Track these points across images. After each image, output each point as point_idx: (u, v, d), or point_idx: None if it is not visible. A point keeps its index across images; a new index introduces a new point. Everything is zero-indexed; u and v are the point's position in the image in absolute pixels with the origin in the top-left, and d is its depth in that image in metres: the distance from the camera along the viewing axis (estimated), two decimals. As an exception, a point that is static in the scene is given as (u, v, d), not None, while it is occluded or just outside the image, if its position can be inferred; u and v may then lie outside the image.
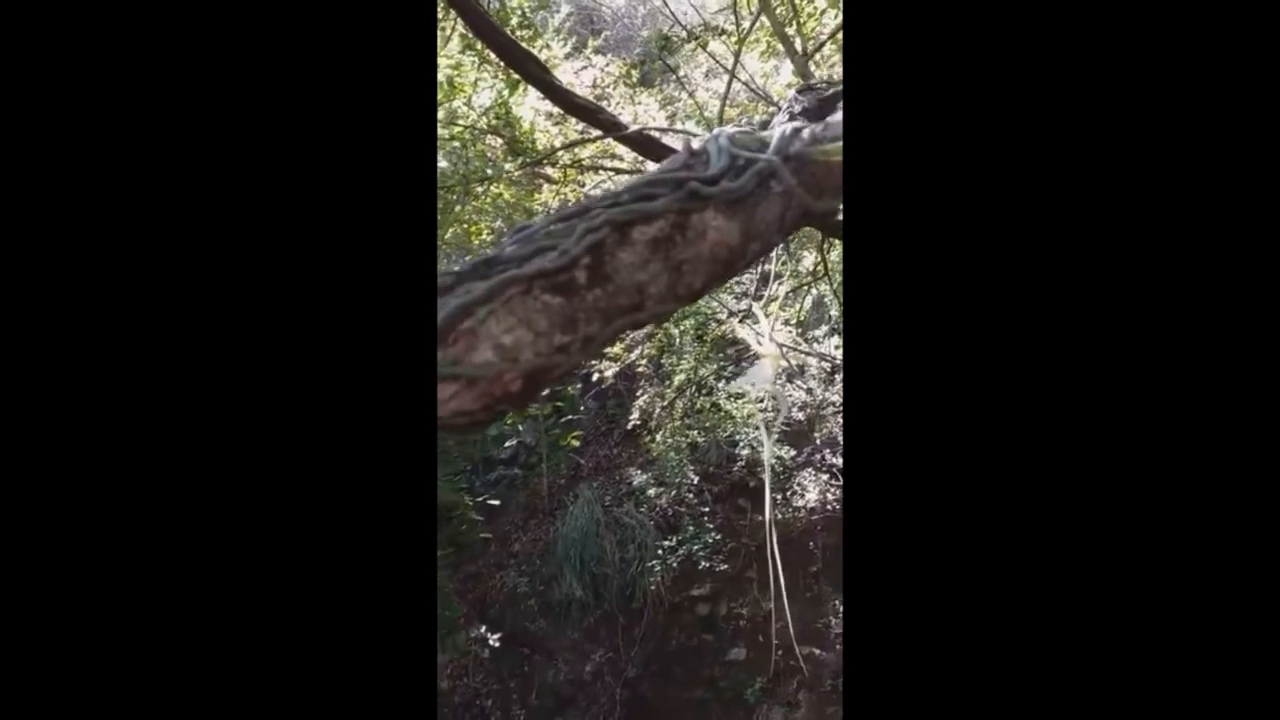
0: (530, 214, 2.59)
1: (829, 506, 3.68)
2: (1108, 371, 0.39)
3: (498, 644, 3.53)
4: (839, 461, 3.65)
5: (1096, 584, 0.38)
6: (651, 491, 3.79)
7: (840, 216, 0.64)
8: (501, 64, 2.34)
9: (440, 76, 2.50)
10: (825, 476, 3.79)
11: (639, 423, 3.79)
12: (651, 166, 2.49)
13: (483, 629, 3.62)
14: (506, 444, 3.99)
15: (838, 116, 0.62)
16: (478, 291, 0.50)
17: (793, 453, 3.82)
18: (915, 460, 0.40)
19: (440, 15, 2.30)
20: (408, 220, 0.43)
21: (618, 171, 2.50)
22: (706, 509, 3.79)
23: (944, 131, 0.41)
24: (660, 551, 3.65)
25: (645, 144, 1.96)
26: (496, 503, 3.73)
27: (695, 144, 0.59)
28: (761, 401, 3.36)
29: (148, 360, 0.38)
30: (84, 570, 0.37)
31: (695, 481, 3.77)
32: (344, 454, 0.39)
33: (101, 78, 0.39)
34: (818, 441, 3.85)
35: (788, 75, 3.32)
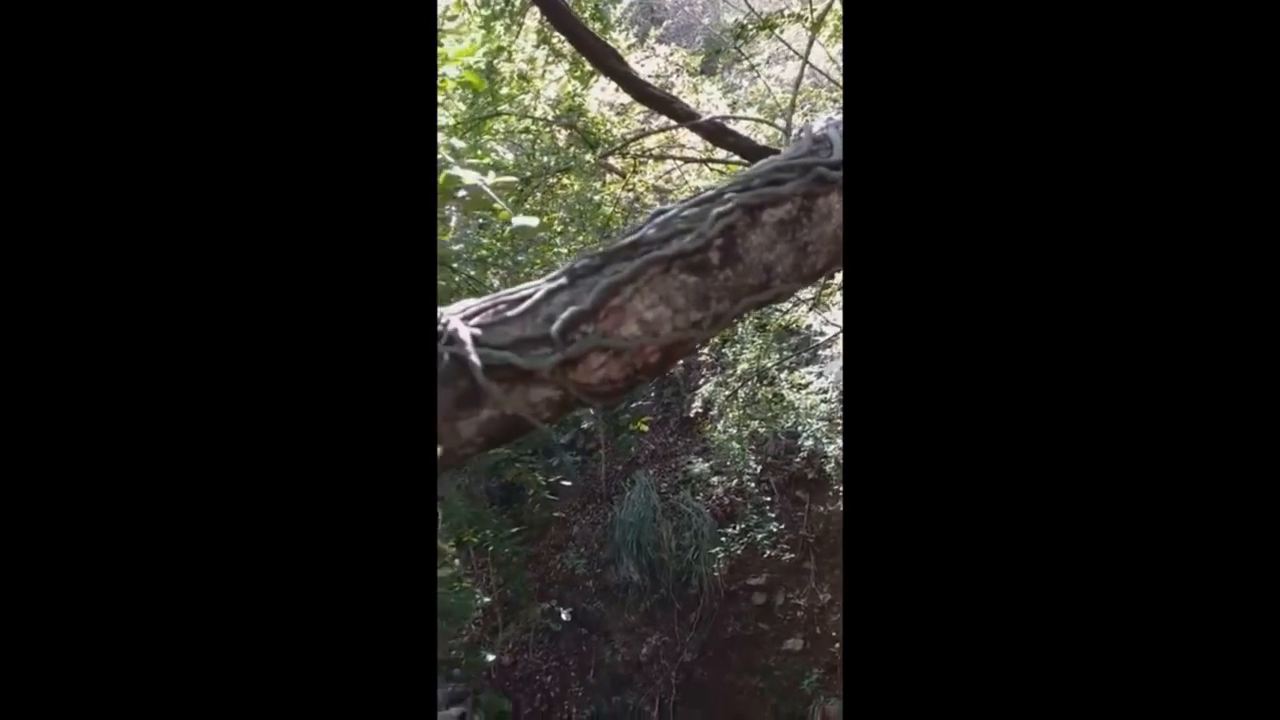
0: (598, 205, 2.65)
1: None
2: (1108, 373, 0.38)
3: (568, 618, 3.65)
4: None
5: (1097, 584, 0.37)
6: (714, 480, 3.81)
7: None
8: (570, 57, 2.40)
9: (511, 69, 2.58)
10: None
11: (700, 411, 3.82)
12: (721, 154, 2.50)
13: (552, 604, 3.75)
14: (583, 426, 4.10)
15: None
16: (624, 271, 0.54)
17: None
18: (915, 461, 0.40)
19: (517, 9, 2.37)
20: (408, 220, 0.42)
21: (686, 160, 2.52)
22: (769, 499, 3.79)
23: (944, 133, 0.41)
24: (723, 539, 3.68)
25: (716, 133, 1.98)
26: (569, 483, 3.84)
27: (816, 130, 0.61)
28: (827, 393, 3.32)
29: (151, 358, 0.38)
30: (88, 573, 0.36)
31: (758, 471, 3.78)
32: (344, 453, 0.38)
33: (103, 79, 0.38)
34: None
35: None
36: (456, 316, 0.56)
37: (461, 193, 1.17)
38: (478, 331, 0.55)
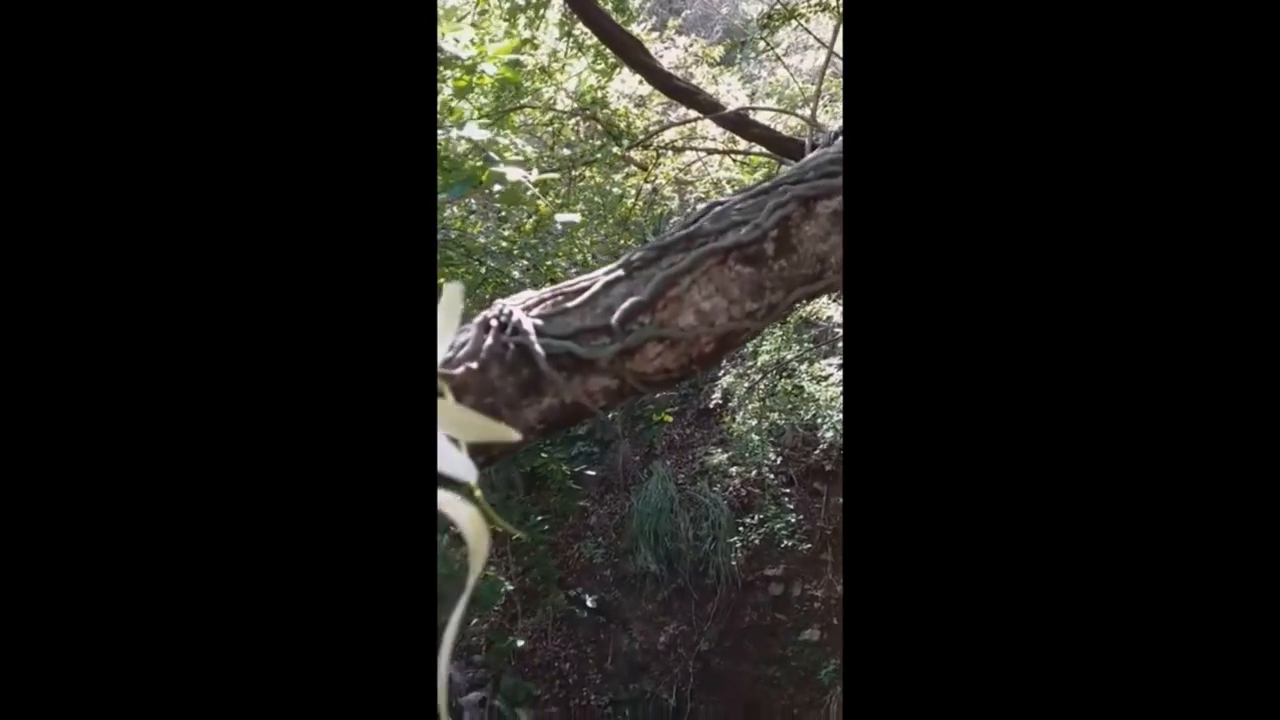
0: (619, 198, 2.66)
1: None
2: (1111, 371, 0.38)
3: (593, 605, 3.70)
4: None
5: (1100, 586, 0.37)
6: (733, 471, 3.84)
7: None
8: (594, 50, 2.40)
9: (534, 63, 2.59)
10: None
11: (720, 403, 3.84)
12: (741, 145, 2.50)
13: (578, 590, 3.81)
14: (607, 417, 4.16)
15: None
16: (682, 263, 0.56)
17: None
18: (915, 460, 0.39)
19: (541, 1, 2.37)
20: (408, 216, 0.41)
21: (709, 152, 2.52)
22: (788, 490, 3.81)
23: (945, 129, 0.40)
24: (741, 529, 3.71)
25: (741, 124, 1.98)
26: (593, 473, 3.89)
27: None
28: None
29: (148, 355, 0.38)
30: (86, 571, 0.36)
31: (778, 463, 3.80)
32: (344, 453, 0.38)
33: (100, 78, 0.38)
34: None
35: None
36: (518, 307, 0.58)
37: (498, 187, 1.19)
38: (539, 322, 0.56)
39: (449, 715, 0.34)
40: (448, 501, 0.31)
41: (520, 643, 3.24)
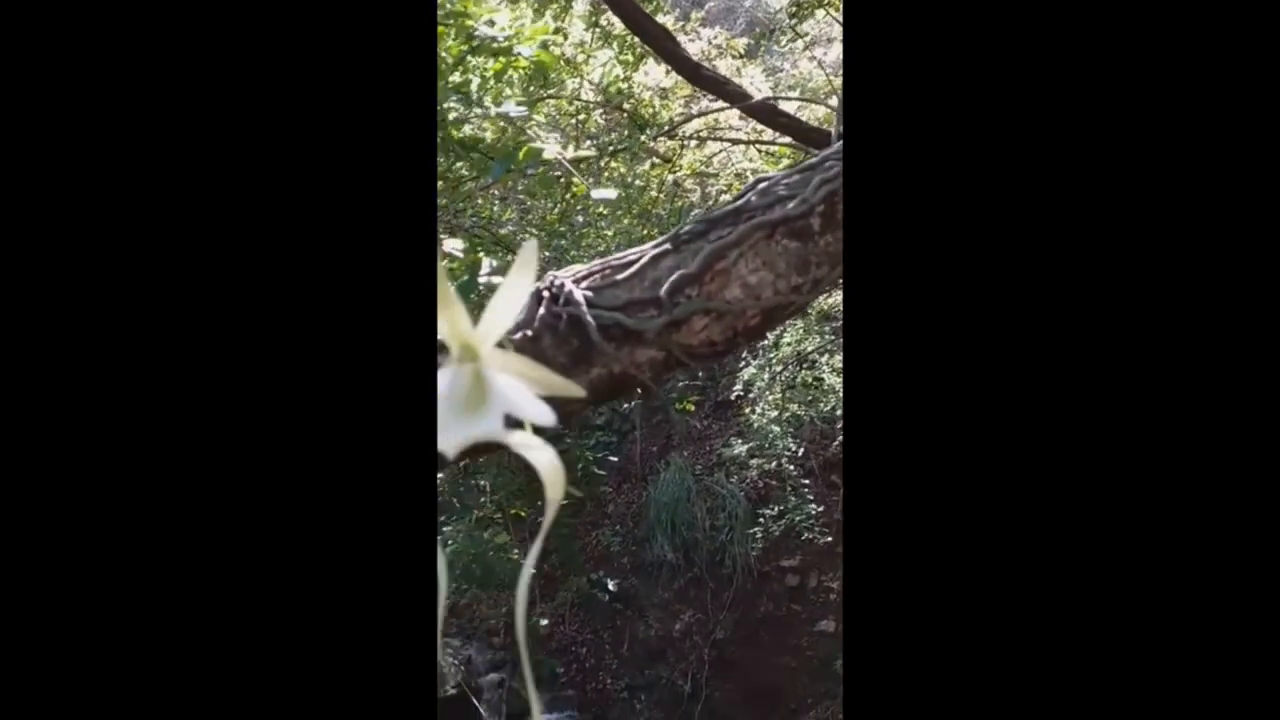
0: (643, 189, 2.67)
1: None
2: (1112, 372, 0.38)
3: (614, 588, 3.75)
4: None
5: (1100, 582, 0.37)
6: (753, 462, 3.85)
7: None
8: (620, 40, 2.41)
9: (560, 53, 2.61)
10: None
11: (741, 394, 3.85)
12: (768, 135, 2.50)
13: (600, 574, 3.87)
14: (621, 408, 4.19)
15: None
16: (729, 236, 0.58)
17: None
18: (916, 461, 0.39)
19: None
20: (408, 209, 0.41)
21: (734, 143, 2.52)
22: (808, 482, 3.81)
23: (946, 130, 0.40)
24: (761, 520, 3.72)
25: (769, 114, 1.98)
26: (615, 459, 3.93)
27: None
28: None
29: (147, 352, 0.38)
30: (83, 570, 0.36)
31: (800, 454, 3.80)
32: (345, 450, 0.38)
33: (101, 77, 0.38)
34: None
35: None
36: (569, 279, 0.60)
37: (530, 172, 1.21)
38: (590, 293, 0.59)
39: (532, 677, 0.34)
40: (526, 444, 0.33)
41: (544, 621, 3.30)
